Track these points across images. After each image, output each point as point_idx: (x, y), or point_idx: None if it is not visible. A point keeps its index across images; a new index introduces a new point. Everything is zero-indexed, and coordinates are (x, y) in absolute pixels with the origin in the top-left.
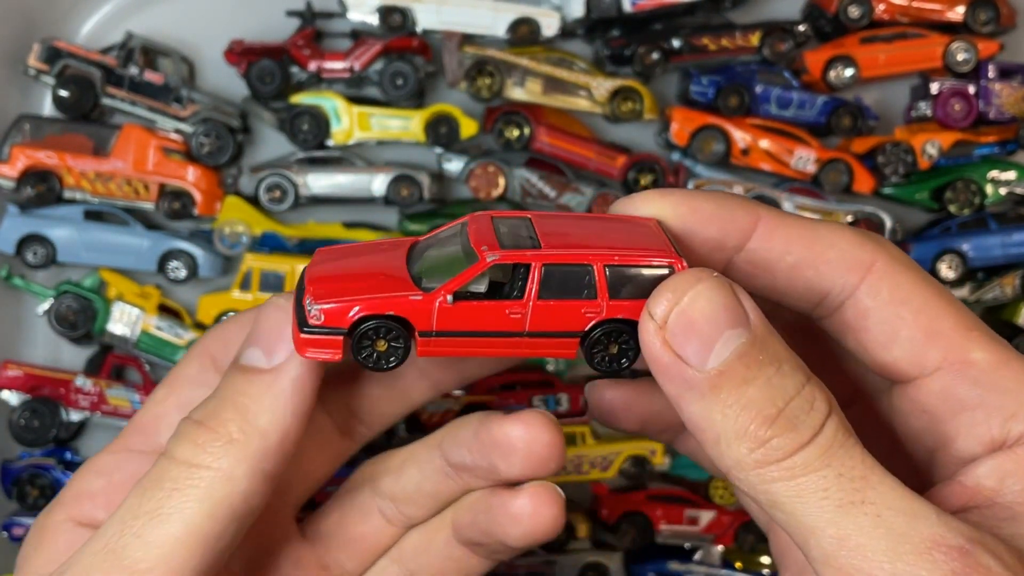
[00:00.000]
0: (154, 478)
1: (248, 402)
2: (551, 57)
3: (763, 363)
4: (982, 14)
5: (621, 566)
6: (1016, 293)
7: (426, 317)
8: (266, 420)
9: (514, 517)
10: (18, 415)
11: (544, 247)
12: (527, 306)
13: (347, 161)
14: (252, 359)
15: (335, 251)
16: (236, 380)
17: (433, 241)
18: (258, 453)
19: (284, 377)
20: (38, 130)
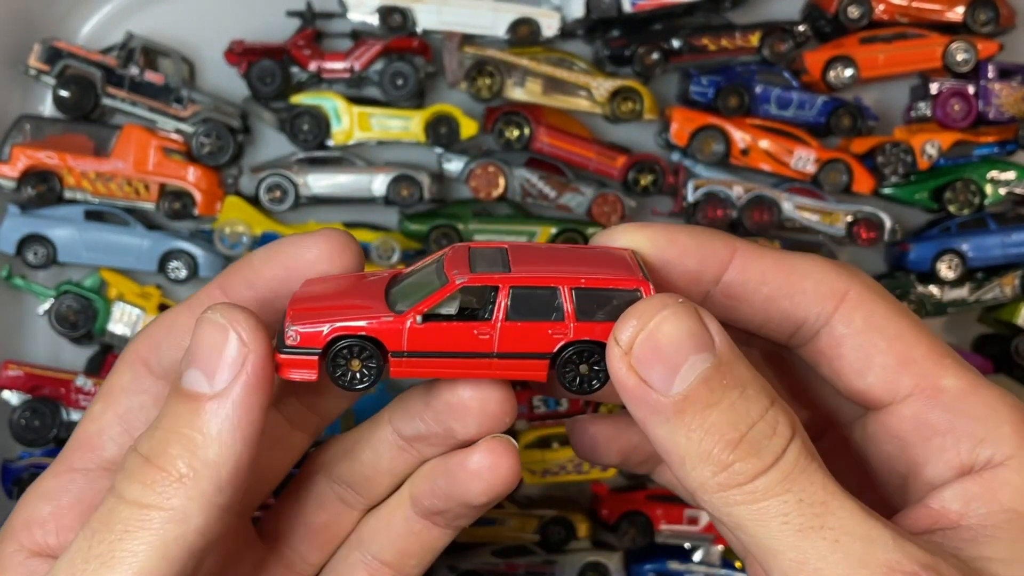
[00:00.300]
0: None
1: (194, 434)
2: (551, 57)
3: (727, 387)
4: (982, 14)
5: (621, 566)
6: (1015, 293)
7: (397, 338)
8: (215, 452)
9: (474, 473)
10: (19, 415)
11: (513, 271)
12: (495, 327)
13: (347, 161)
14: (193, 383)
15: (320, 280)
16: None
17: (413, 272)
18: (210, 488)
19: (228, 403)
20: (39, 130)
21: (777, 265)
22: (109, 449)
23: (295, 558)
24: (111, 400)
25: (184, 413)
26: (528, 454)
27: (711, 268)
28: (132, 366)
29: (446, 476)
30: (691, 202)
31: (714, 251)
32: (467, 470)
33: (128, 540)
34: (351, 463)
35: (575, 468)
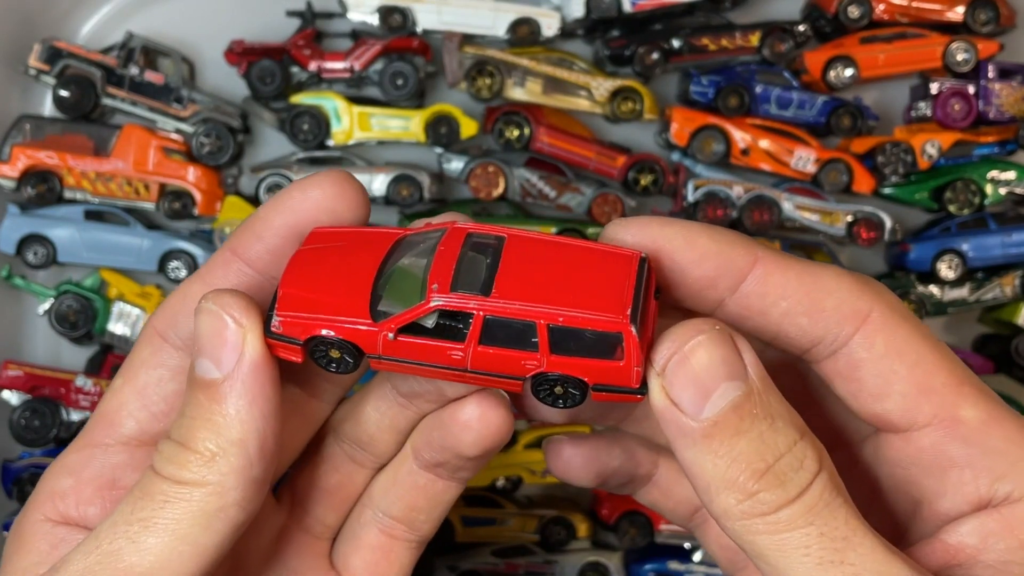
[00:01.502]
0: (145, 490)
1: (216, 418)
2: (551, 57)
3: (757, 417)
4: (982, 14)
5: (621, 566)
6: (1016, 293)
7: (373, 344)
8: (238, 431)
9: (464, 424)
10: (19, 415)
11: (494, 294)
12: (467, 350)
13: (347, 161)
14: (204, 371)
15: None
16: (198, 397)
17: (412, 244)
18: (242, 463)
19: (239, 384)
20: (39, 130)
21: (799, 280)
22: (127, 425)
23: (312, 521)
24: (131, 375)
25: (203, 400)
26: (528, 454)
27: (729, 276)
28: (151, 340)
29: (440, 428)
30: (691, 202)
31: (734, 259)
32: (458, 422)
33: (169, 509)
34: (356, 422)
35: None
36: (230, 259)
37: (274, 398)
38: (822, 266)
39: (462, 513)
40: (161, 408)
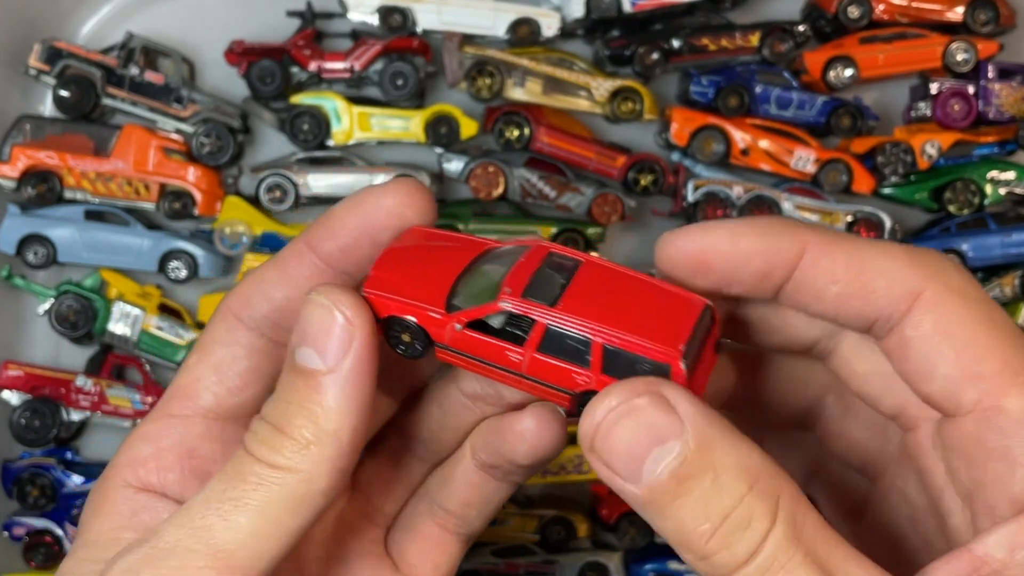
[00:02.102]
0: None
1: (314, 407)
2: (551, 57)
3: (696, 476)
4: (981, 14)
5: (621, 565)
6: (1015, 293)
7: (441, 333)
8: (335, 423)
9: (520, 434)
10: (19, 415)
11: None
12: (525, 355)
13: (347, 161)
14: (307, 360)
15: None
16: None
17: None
18: (333, 454)
19: (341, 378)
20: (39, 130)
21: (848, 262)
22: (204, 397)
23: (371, 509)
24: (205, 352)
25: (303, 388)
26: None
27: (779, 269)
28: (225, 319)
29: (497, 435)
30: (691, 202)
31: (781, 251)
32: (514, 431)
33: (260, 490)
34: (420, 419)
35: (575, 468)
36: (304, 251)
37: (369, 397)
38: (873, 244)
39: None
40: (236, 383)
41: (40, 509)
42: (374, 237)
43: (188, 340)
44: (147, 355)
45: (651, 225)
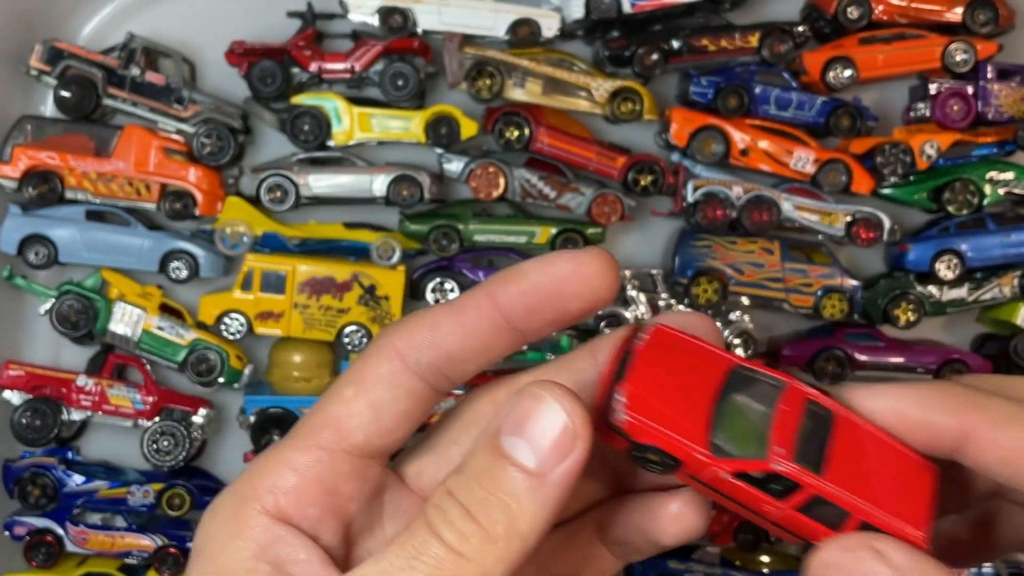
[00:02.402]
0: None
1: (514, 505)
2: (551, 58)
3: None
4: (981, 15)
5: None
6: (1014, 293)
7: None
8: (528, 526)
9: (675, 517)
10: (20, 414)
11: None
12: (783, 510)
13: (348, 161)
14: (518, 453)
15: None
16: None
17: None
18: (516, 555)
19: (552, 487)
20: (40, 131)
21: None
22: (356, 435)
23: None
24: (365, 387)
25: (506, 480)
26: None
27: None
28: (390, 359)
29: (644, 514)
30: (691, 202)
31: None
32: (669, 513)
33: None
34: None
35: None
36: (485, 304)
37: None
38: None
39: None
40: (389, 426)
41: (41, 509)
42: (561, 304)
43: (189, 340)
44: (148, 355)
45: (651, 225)
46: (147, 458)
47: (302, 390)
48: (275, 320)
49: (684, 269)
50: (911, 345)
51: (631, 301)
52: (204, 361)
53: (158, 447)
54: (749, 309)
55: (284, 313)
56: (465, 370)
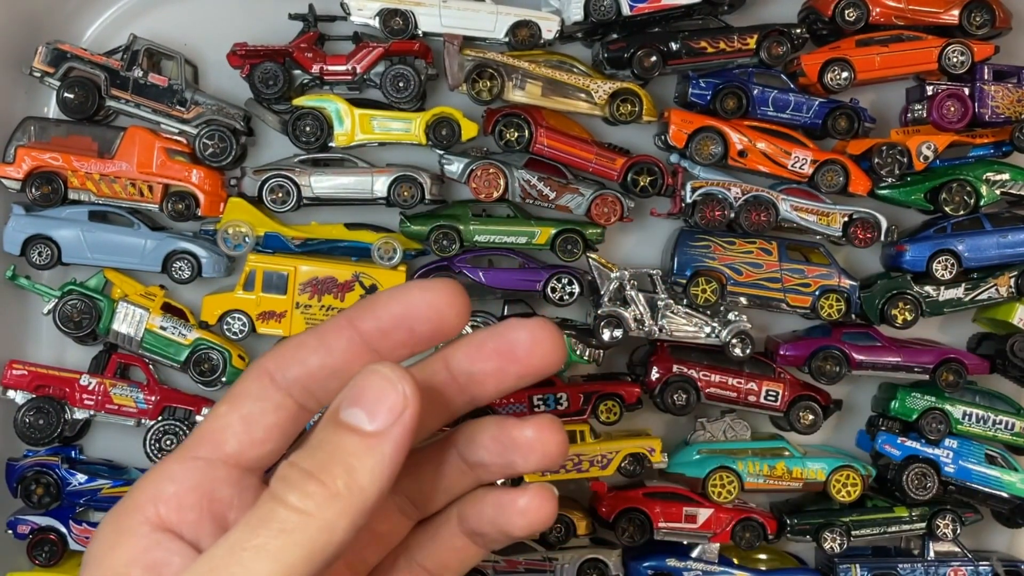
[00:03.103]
0: (263, 517)
1: (354, 462)
2: (551, 60)
3: None
4: (977, 17)
5: (619, 563)
6: (1011, 293)
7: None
8: (368, 480)
9: (521, 511)
10: (23, 413)
11: None
12: None
13: (349, 163)
14: (355, 419)
15: None
16: (342, 438)
17: None
18: (358, 509)
19: (387, 443)
20: (43, 132)
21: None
22: (230, 444)
23: (356, 559)
24: (236, 403)
25: (346, 442)
26: None
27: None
28: (259, 377)
29: (496, 508)
30: (689, 203)
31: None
32: (516, 507)
33: (283, 538)
34: (415, 479)
35: (575, 467)
36: (345, 326)
37: (399, 466)
38: None
39: None
40: (260, 436)
41: (44, 507)
42: (412, 326)
43: (191, 339)
44: (151, 354)
45: (650, 225)
46: (150, 457)
47: None
48: (277, 320)
49: (683, 269)
50: (908, 344)
51: (630, 301)
52: (206, 361)
53: (161, 446)
54: (747, 309)
55: (286, 313)
56: (328, 388)
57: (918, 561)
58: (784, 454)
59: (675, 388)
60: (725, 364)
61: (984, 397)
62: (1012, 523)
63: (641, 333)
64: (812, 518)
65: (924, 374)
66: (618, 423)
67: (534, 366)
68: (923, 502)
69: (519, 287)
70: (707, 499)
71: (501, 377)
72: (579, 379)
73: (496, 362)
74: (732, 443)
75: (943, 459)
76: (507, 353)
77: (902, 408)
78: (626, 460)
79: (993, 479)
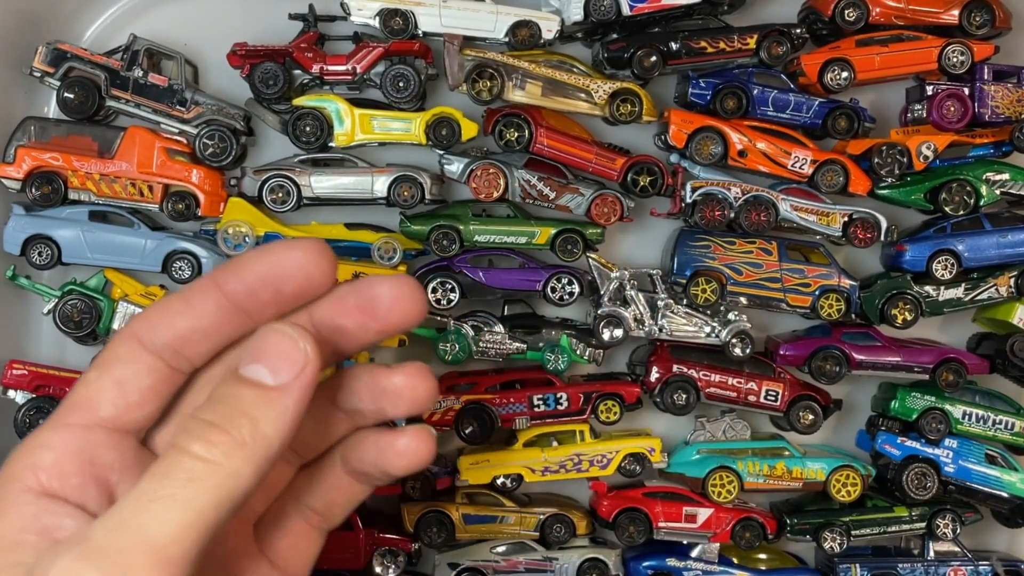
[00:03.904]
0: (169, 467)
1: (257, 413)
2: (550, 60)
3: None
4: (977, 17)
5: (619, 562)
6: (1011, 293)
7: None
8: (272, 430)
9: (400, 453)
10: (23, 413)
11: None
12: None
13: (349, 163)
14: (257, 375)
15: None
16: (244, 392)
17: None
18: (263, 457)
19: (289, 397)
20: (43, 132)
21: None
22: (105, 409)
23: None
24: (107, 369)
25: (249, 395)
26: (528, 452)
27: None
28: (128, 342)
29: (376, 450)
30: (689, 203)
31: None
32: (395, 449)
33: (191, 487)
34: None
35: (575, 467)
36: (211, 288)
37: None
38: None
39: (463, 511)
40: (135, 399)
41: None
42: (278, 285)
43: None
44: None
45: (650, 225)
46: None
47: None
48: None
49: (682, 269)
50: (908, 344)
51: (630, 301)
52: None
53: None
54: (747, 309)
55: None
56: (199, 350)
57: (918, 561)
58: (784, 454)
59: (675, 388)
60: (725, 364)
61: (984, 397)
62: (1012, 523)
63: (641, 333)
64: (812, 518)
65: (924, 374)
66: (618, 423)
67: (393, 322)
68: (923, 502)
69: (519, 287)
70: (707, 499)
71: (363, 331)
72: (579, 379)
73: (358, 317)
74: (732, 443)
75: (943, 459)
76: (368, 309)
77: (902, 408)
78: (626, 460)
79: (993, 479)
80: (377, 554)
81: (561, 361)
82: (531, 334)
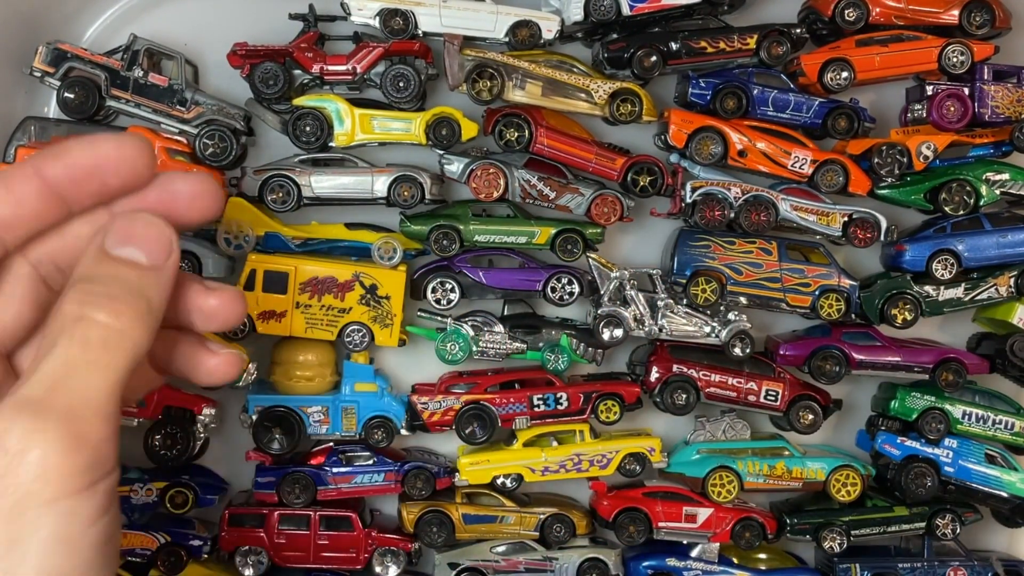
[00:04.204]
0: (83, 336)
1: (146, 290)
2: (551, 60)
3: None
4: (977, 17)
5: (619, 562)
6: (1010, 293)
7: None
8: (158, 302)
9: (210, 371)
10: None
11: None
12: None
13: (349, 162)
14: (131, 255)
15: None
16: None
17: None
18: (153, 326)
19: (166, 275)
20: (43, 132)
21: None
22: None
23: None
24: None
25: (134, 275)
26: (528, 452)
27: None
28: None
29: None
30: (689, 202)
31: None
32: (207, 367)
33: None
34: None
35: (575, 466)
36: (32, 175)
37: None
38: None
39: (463, 511)
40: None
41: None
42: (103, 177)
43: None
44: None
45: (650, 225)
46: (150, 456)
47: (304, 389)
48: (277, 320)
49: (682, 269)
50: (908, 344)
51: (630, 301)
52: None
53: (160, 445)
54: (747, 309)
55: (286, 313)
56: (18, 235)
57: (918, 561)
58: (784, 454)
59: (675, 388)
60: (725, 364)
61: (984, 397)
62: (1012, 523)
63: (641, 333)
64: (812, 518)
65: (924, 374)
66: (618, 423)
67: (192, 217)
68: (923, 502)
69: (519, 287)
70: (707, 499)
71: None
72: (579, 379)
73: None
74: (732, 443)
75: (943, 459)
76: (169, 203)
77: (902, 408)
78: (626, 460)
79: (993, 479)
80: (377, 554)
81: (561, 361)
82: (531, 334)
